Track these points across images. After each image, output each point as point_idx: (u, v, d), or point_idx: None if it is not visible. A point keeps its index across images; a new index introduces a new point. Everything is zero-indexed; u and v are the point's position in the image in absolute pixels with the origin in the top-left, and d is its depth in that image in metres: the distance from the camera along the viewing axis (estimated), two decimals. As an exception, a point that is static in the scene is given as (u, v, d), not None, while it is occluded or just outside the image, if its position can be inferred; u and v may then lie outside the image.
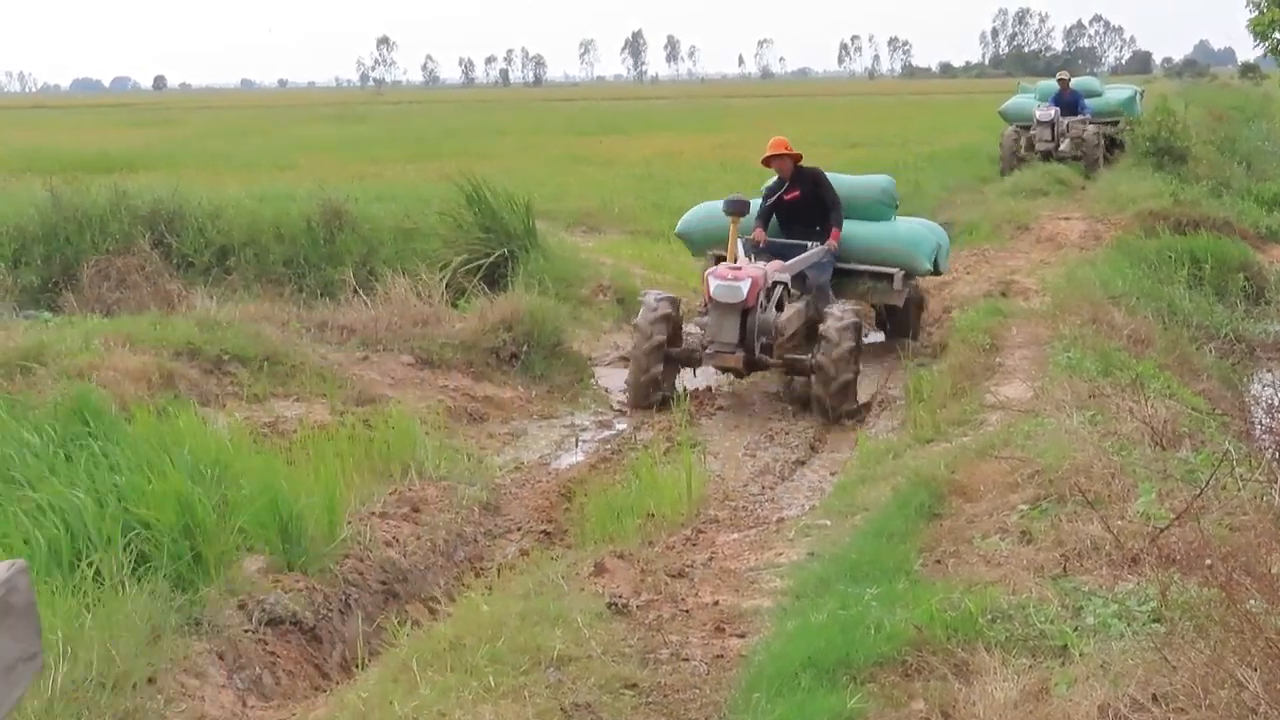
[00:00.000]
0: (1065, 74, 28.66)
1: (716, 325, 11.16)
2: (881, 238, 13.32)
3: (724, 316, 11.11)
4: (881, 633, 5.03)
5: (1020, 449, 7.56)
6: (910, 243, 13.36)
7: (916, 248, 13.33)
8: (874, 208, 13.57)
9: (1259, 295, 15.83)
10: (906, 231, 13.60)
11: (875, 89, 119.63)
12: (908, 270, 13.29)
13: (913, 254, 13.28)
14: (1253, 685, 3.81)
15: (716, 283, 11.08)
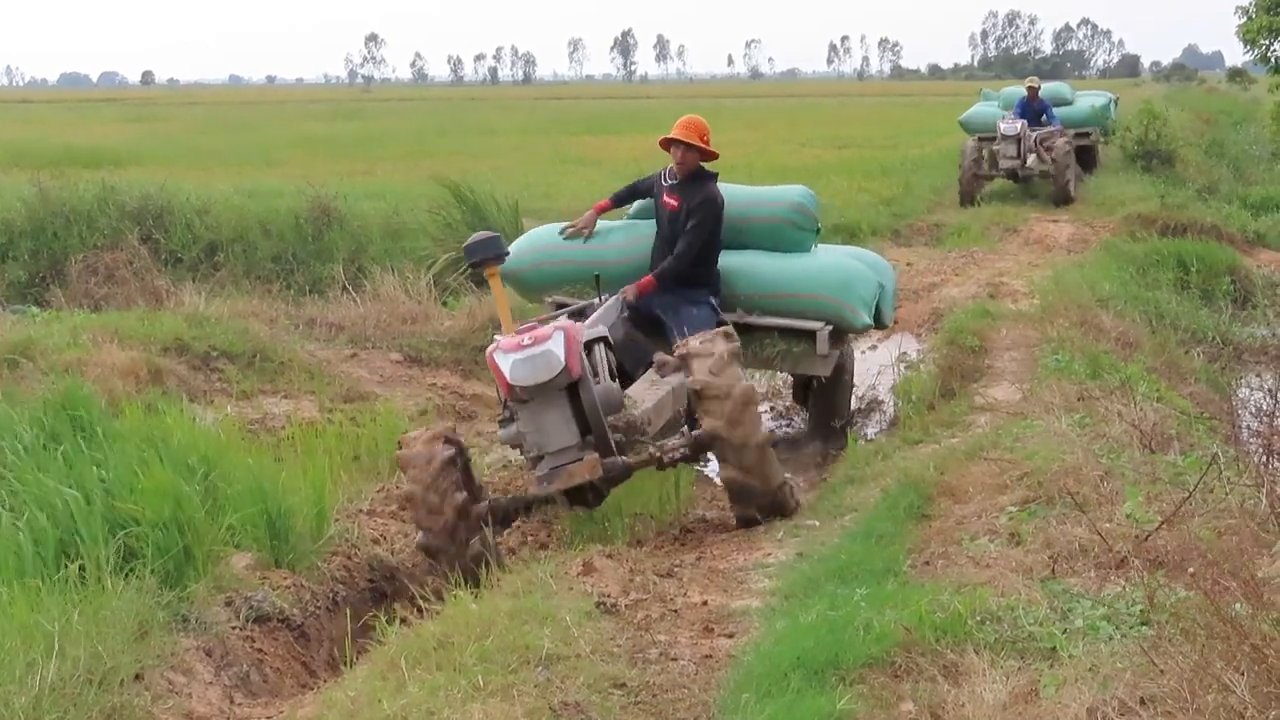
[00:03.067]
0: (1035, 81, 24.67)
1: (536, 428, 7.25)
2: (796, 278, 9.47)
3: (542, 409, 7.20)
4: (870, 634, 5.03)
5: (1009, 451, 7.58)
6: (840, 285, 9.46)
7: (848, 292, 9.44)
8: (781, 234, 9.69)
9: (1245, 299, 15.88)
10: (834, 269, 9.61)
11: (864, 90, 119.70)
12: (837, 325, 9.46)
13: (843, 301, 9.41)
14: (1239, 689, 3.82)
15: (511, 360, 7.04)
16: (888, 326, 10.63)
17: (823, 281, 9.44)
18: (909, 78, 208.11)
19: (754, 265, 9.53)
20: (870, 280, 9.68)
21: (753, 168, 27.39)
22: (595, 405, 7.22)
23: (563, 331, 7.09)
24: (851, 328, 9.62)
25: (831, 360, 9.57)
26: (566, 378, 7.05)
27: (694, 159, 9.15)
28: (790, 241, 9.69)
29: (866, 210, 21.59)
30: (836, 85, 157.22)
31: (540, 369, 7.00)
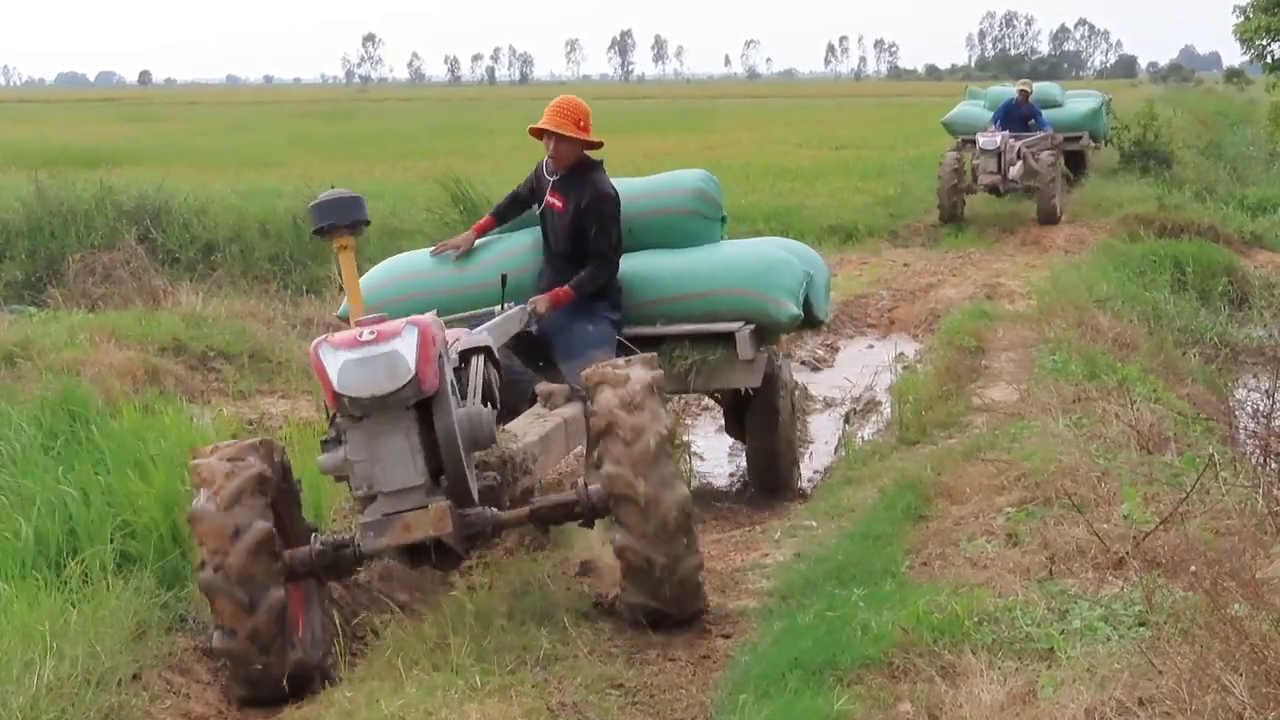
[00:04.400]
0: (1027, 85, 22.87)
1: (369, 456, 5.38)
2: (706, 274, 8.00)
3: (380, 433, 5.36)
4: (868, 634, 5.04)
5: (1006, 452, 7.59)
6: (758, 274, 7.97)
7: (768, 280, 7.95)
8: (684, 227, 8.27)
9: (1243, 300, 15.89)
10: (750, 257, 8.18)
11: (861, 90, 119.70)
12: (760, 322, 7.95)
13: (763, 293, 7.91)
14: (1238, 690, 3.83)
15: (343, 360, 5.31)
16: (823, 322, 8.95)
17: (737, 273, 7.93)
18: (906, 78, 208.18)
19: (655, 266, 7.95)
20: (794, 267, 8.09)
21: (750, 168, 27.43)
22: (453, 433, 5.29)
23: (416, 328, 5.20)
24: (777, 323, 7.98)
25: (758, 367, 7.90)
26: (416, 391, 5.13)
27: (570, 151, 7.55)
28: (695, 235, 8.19)
29: (863, 211, 21.60)
30: (834, 86, 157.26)
31: (379, 375, 5.13)
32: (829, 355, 13.28)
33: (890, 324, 14.56)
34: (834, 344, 13.71)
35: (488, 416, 5.52)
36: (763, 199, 22.86)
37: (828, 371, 12.67)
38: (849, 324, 14.55)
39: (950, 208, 20.61)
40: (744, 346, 7.77)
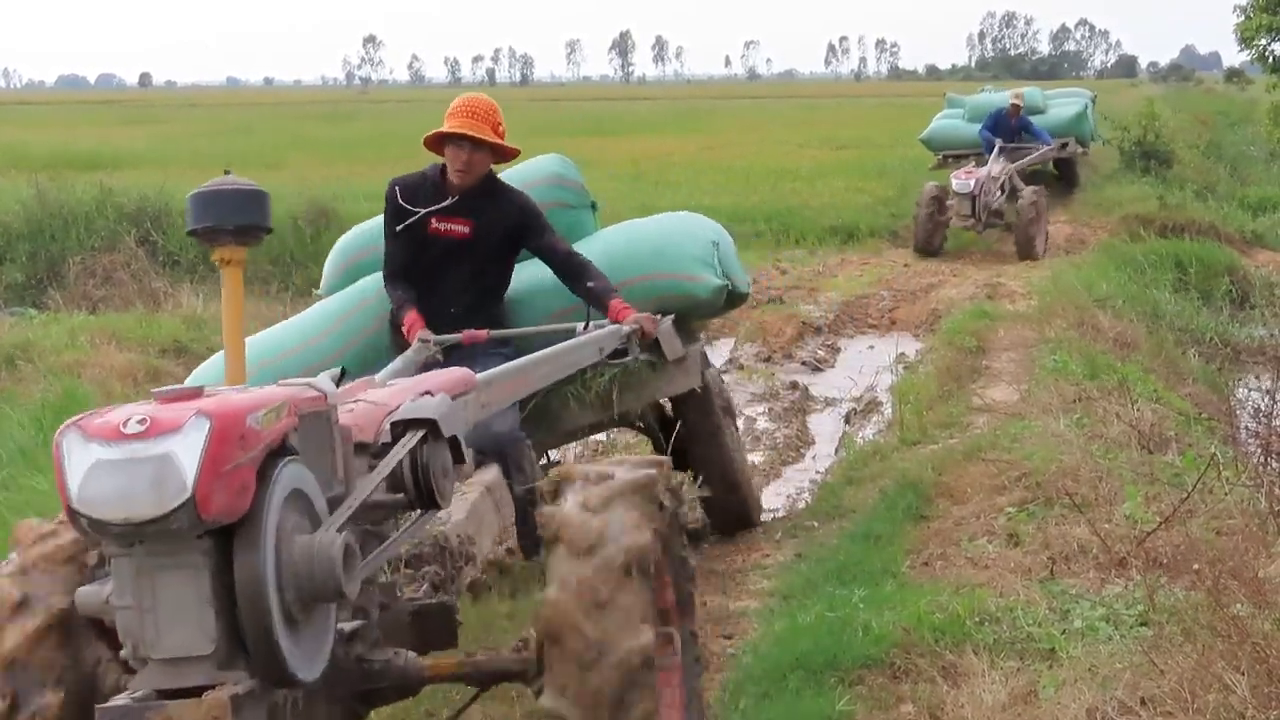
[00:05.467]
0: (1019, 97, 20.71)
1: (135, 599, 3.25)
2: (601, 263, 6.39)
3: (156, 569, 3.24)
4: (869, 635, 5.04)
5: (1007, 451, 7.59)
6: (658, 253, 6.70)
7: (674, 257, 6.68)
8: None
9: (1244, 299, 15.88)
10: (642, 238, 6.91)
11: (862, 91, 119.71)
12: (681, 307, 6.58)
13: (674, 270, 6.64)
14: (1240, 689, 3.82)
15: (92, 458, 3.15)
16: (745, 293, 7.18)
17: (636, 257, 6.58)
18: (907, 78, 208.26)
19: (540, 277, 6.39)
20: (696, 234, 6.83)
21: (750, 169, 27.45)
22: (259, 580, 3.23)
23: (209, 420, 3.16)
24: (703, 302, 6.60)
25: (693, 366, 6.58)
26: (192, 520, 3.14)
27: (485, 163, 6.09)
28: (564, 228, 6.62)
29: (864, 211, 21.60)
30: (834, 86, 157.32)
31: (138, 490, 3.16)
32: (830, 355, 13.27)
33: (891, 324, 14.55)
34: (835, 344, 13.71)
35: (343, 554, 3.33)
36: (763, 200, 22.90)
37: (829, 371, 12.65)
38: (850, 324, 14.55)
39: (926, 240, 18.69)
40: (670, 342, 6.24)
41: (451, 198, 6.09)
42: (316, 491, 3.43)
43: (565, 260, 6.15)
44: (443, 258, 6.14)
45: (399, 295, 6.13)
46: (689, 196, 22.60)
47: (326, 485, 3.50)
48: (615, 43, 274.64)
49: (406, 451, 3.74)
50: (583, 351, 5.56)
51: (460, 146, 5.97)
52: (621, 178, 27.24)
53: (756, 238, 20.24)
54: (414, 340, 5.82)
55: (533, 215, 6.17)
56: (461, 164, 5.99)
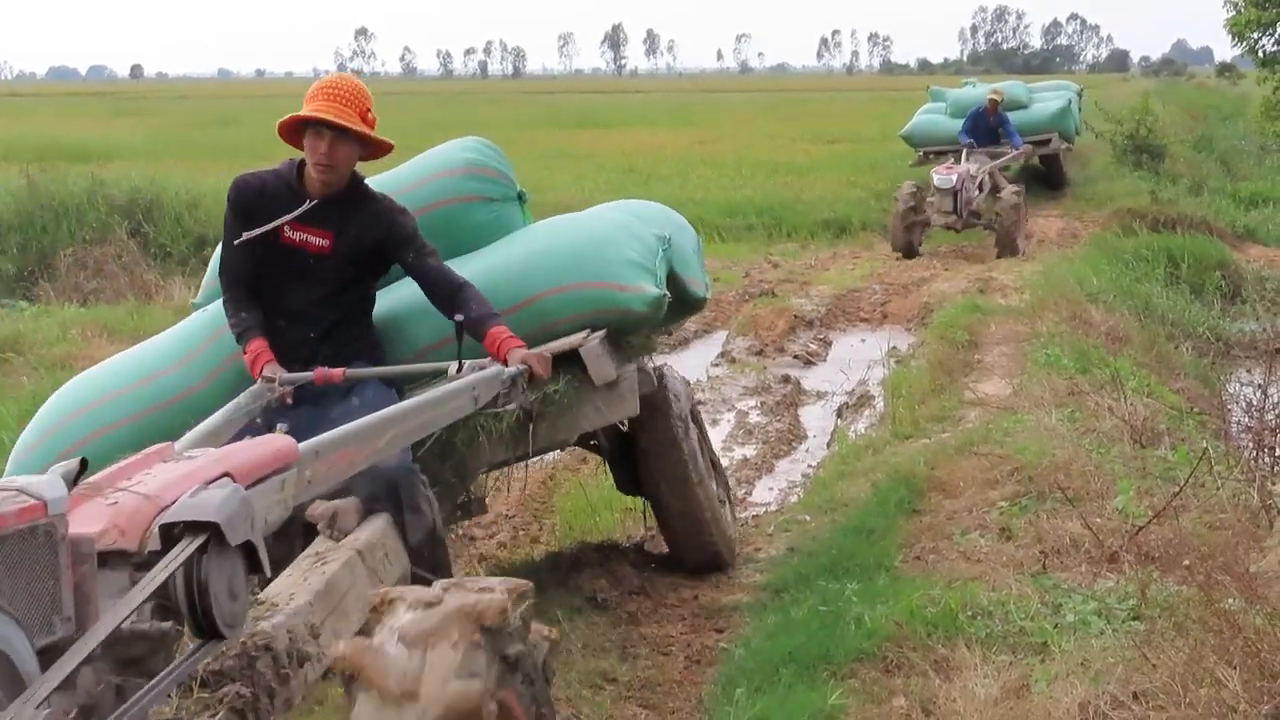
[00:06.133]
0: (998, 93, 19.95)
1: None
2: (517, 276, 5.51)
3: None
4: (862, 628, 5.04)
5: (999, 446, 7.59)
6: (586, 257, 5.57)
7: (604, 261, 5.55)
8: (466, 219, 5.91)
9: (1235, 294, 15.89)
10: (572, 237, 5.74)
11: (854, 85, 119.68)
12: (612, 322, 5.52)
13: (604, 279, 5.51)
14: (1232, 684, 3.83)
15: None
16: (703, 299, 6.38)
17: (561, 262, 5.51)
18: (899, 72, 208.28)
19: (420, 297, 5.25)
20: (637, 232, 5.74)
21: (742, 163, 27.42)
22: None
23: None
24: (636, 316, 5.47)
25: (628, 390, 5.52)
26: None
27: (351, 158, 5.04)
28: (487, 227, 5.85)
29: (857, 205, 21.62)
30: (826, 80, 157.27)
31: None
32: (822, 349, 13.26)
33: (883, 318, 14.55)
34: (827, 338, 13.70)
35: None
36: (755, 193, 22.89)
37: (821, 365, 12.65)
38: (841, 318, 14.55)
39: (904, 242, 18.07)
40: (598, 364, 5.29)
41: (310, 201, 5.00)
42: (19, 644, 2.53)
43: (437, 282, 5.07)
44: (297, 274, 5.05)
45: (241, 318, 5.06)
46: (681, 190, 22.59)
47: (43, 628, 2.63)
48: (607, 36, 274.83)
49: (178, 565, 2.79)
50: (448, 404, 4.35)
51: (320, 135, 4.91)
52: (613, 171, 27.23)
53: (748, 231, 20.25)
54: (259, 377, 4.86)
55: (402, 227, 5.10)
56: (322, 156, 4.92)
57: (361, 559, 4.25)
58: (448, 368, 4.73)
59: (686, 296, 6.12)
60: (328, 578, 4.05)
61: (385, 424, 3.91)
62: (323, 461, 3.58)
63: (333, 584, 4.03)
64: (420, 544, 4.61)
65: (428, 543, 4.63)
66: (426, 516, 4.65)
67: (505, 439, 5.27)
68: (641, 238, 5.73)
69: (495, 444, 5.26)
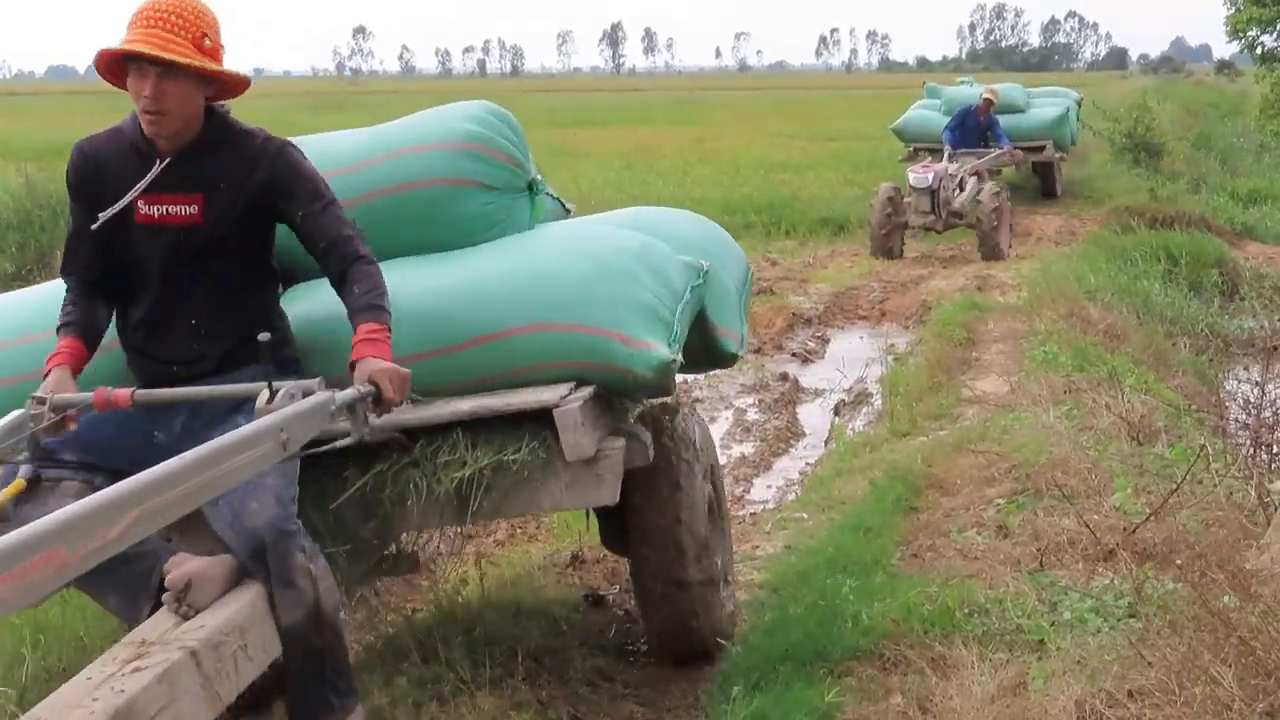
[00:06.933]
0: (993, 92, 19.77)
1: None
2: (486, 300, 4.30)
3: None
4: (859, 626, 5.04)
5: (997, 443, 7.59)
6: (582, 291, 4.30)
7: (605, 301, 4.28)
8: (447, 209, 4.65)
9: (1234, 291, 15.89)
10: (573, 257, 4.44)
11: (852, 83, 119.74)
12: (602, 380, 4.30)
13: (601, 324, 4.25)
14: (1227, 681, 3.82)
15: None
16: (732, 355, 5.16)
17: (548, 288, 4.30)
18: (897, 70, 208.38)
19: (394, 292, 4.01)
20: (661, 264, 4.53)
21: (740, 161, 27.45)
22: None
23: None
24: (631, 377, 4.26)
25: (608, 471, 4.29)
26: None
27: (192, 98, 3.84)
28: (475, 220, 4.66)
29: (855, 203, 21.61)
30: (825, 78, 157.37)
31: None
32: (820, 347, 13.27)
33: (881, 315, 14.56)
34: (825, 335, 13.71)
35: None
36: (754, 191, 22.92)
37: (819, 363, 12.65)
38: (840, 315, 14.56)
39: (883, 244, 17.68)
40: (575, 434, 4.10)
41: (161, 162, 3.87)
42: None
43: (330, 249, 3.95)
44: (165, 259, 3.93)
45: (65, 311, 4.00)
46: (679, 188, 22.62)
47: None
48: (606, 34, 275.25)
49: None
50: (236, 458, 3.01)
51: (143, 73, 3.75)
52: (612, 170, 27.24)
53: (747, 229, 20.23)
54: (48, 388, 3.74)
55: (288, 166, 3.96)
56: (148, 101, 3.75)
57: (195, 663, 3.18)
58: (259, 393, 3.40)
59: (713, 348, 5.01)
60: (128, 698, 2.94)
61: (110, 509, 2.55)
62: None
63: (131, 710, 2.93)
64: (296, 629, 3.59)
65: (307, 627, 3.61)
66: (305, 593, 3.60)
67: (443, 503, 4.18)
68: (666, 273, 4.51)
69: (429, 507, 4.18)
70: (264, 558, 3.57)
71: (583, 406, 4.13)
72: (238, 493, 3.42)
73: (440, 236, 4.64)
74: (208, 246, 3.93)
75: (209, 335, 3.93)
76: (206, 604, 3.44)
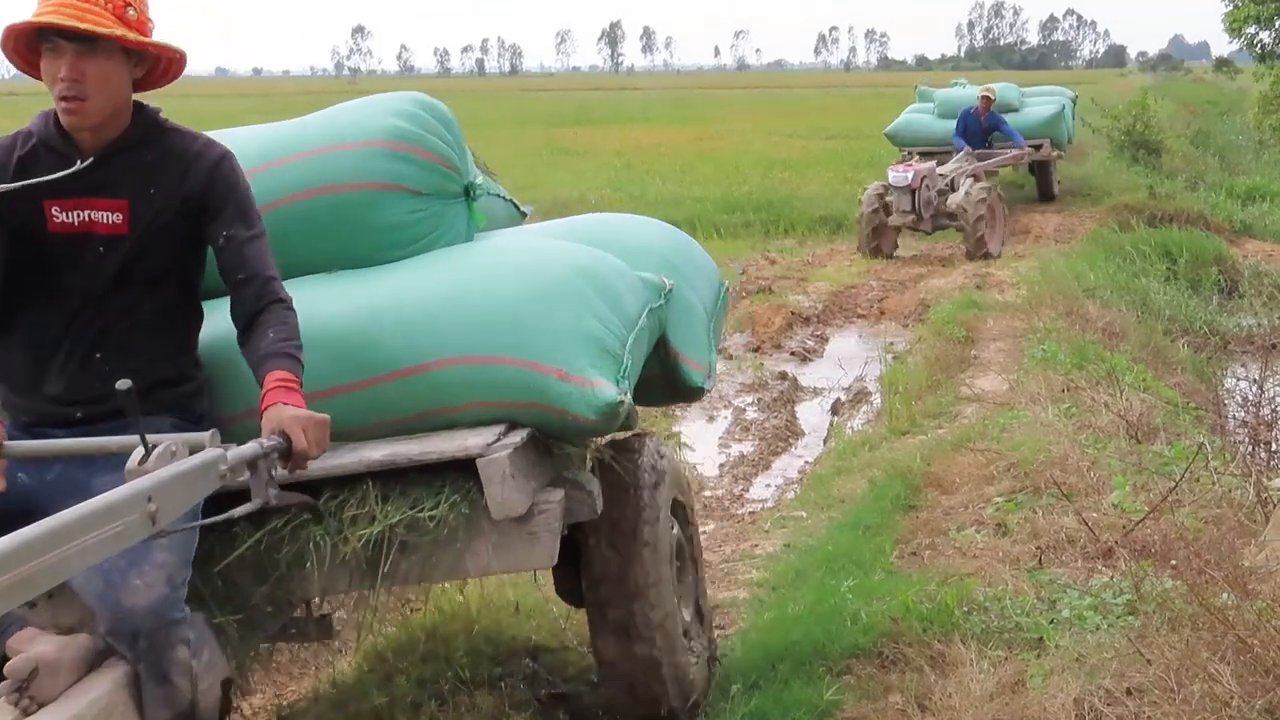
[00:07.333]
0: (991, 91, 19.66)
1: None
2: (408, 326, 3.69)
3: None
4: (858, 624, 5.04)
5: (996, 441, 7.59)
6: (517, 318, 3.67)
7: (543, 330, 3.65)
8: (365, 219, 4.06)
9: (1233, 289, 15.89)
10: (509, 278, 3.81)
11: (851, 81, 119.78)
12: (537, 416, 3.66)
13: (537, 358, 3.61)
14: (1225, 679, 3.83)
15: None
16: (697, 389, 4.55)
17: (476, 315, 3.72)
18: (896, 69, 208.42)
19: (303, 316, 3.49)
20: (612, 285, 3.92)
21: (740, 159, 27.44)
22: None
23: None
24: (571, 420, 3.65)
25: (544, 529, 3.67)
26: None
27: (117, 80, 3.32)
28: (398, 232, 4.10)
29: (854, 202, 21.55)
30: (823, 76, 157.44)
31: None
32: (819, 345, 13.27)
33: (880, 314, 14.55)
34: (824, 334, 13.71)
35: None
36: (752, 190, 22.92)
37: (818, 361, 12.66)
38: (839, 314, 14.56)
39: (871, 244, 17.51)
40: (503, 488, 3.49)
41: (81, 162, 3.32)
42: None
43: (249, 283, 3.39)
44: (81, 274, 3.39)
45: None
46: (678, 187, 22.63)
47: None
48: (605, 33, 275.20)
49: None
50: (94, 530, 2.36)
51: (58, 52, 3.24)
52: (611, 168, 27.25)
53: (745, 228, 20.27)
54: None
55: (228, 183, 3.45)
56: (66, 86, 3.23)
57: None
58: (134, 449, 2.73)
59: (676, 380, 4.38)
60: None
61: None
62: None
63: None
64: None
65: None
66: (181, 693, 3.12)
67: (352, 565, 3.58)
68: (618, 295, 3.88)
69: (332, 570, 3.56)
70: (137, 644, 3.06)
71: (513, 455, 3.49)
72: (121, 559, 2.82)
73: (359, 250, 4.05)
74: (131, 263, 3.38)
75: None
76: (53, 697, 2.91)
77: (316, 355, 3.48)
